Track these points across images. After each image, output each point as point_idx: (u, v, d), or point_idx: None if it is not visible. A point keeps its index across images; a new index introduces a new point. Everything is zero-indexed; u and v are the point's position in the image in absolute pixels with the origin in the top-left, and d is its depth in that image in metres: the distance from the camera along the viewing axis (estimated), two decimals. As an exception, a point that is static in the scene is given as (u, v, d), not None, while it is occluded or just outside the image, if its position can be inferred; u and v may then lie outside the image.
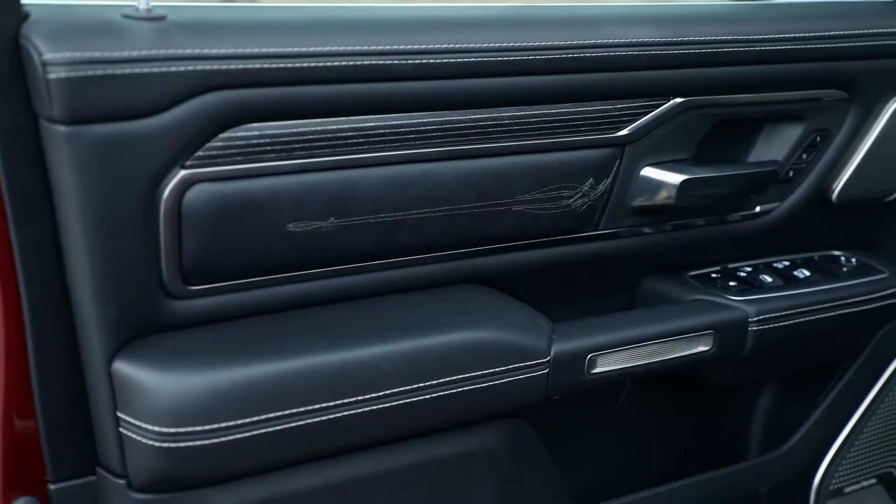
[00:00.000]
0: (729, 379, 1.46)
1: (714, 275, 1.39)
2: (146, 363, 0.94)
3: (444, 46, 1.04)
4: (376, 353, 1.04)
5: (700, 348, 1.27)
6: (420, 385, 1.06)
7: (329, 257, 1.06)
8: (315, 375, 1.00)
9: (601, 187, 1.21)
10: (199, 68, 0.91)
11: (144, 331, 0.97)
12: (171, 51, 0.90)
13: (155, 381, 0.94)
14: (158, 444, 0.94)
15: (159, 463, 0.95)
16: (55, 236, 0.92)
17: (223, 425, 0.95)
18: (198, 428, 0.94)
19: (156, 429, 0.94)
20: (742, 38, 1.23)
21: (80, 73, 0.86)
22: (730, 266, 1.41)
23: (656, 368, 1.25)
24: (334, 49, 0.97)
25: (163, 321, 0.99)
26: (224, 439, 0.96)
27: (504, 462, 1.20)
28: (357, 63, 0.99)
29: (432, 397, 1.07)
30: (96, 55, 0.86)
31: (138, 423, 0.94)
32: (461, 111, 1.08)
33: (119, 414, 0.96)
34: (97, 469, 1.00)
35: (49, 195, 0.91)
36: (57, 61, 0.85)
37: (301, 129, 0.99)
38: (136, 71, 0.88)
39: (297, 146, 0.99)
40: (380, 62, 1.00)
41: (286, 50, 0.95)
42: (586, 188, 1.20)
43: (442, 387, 1.07)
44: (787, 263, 1.44)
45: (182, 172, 0.94)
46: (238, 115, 0.95)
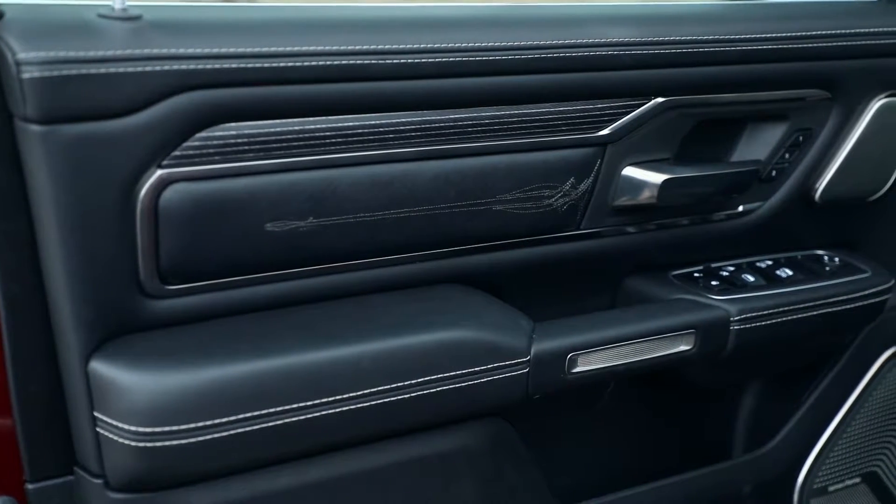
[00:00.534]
0: (711, 378, 1.46)
1: (696, 274, 1.39)
2: (123, 362, 0.94)
3: (423, 46, 1.04)
4: (355, 353, 1.04)
5: (681, 347, 1.27)
6: (399, 384, 1.06)
7: (308, 257, 1.06)
8: (293, 375, 1.00)
9: (582, 187, 1.21)
10: (175, 68, 0.91)
11: (121, 330, 0.97)
12: (147, 50, 0.90)
13: (131, 381, 0.94)
14: (135, 444, 0.94)
15: (136, 462, 0.95)
16: (31, 235, 0.92)
17: (200, 425, 0.95)
18: (174, 427, 0.94)
19: (132, 428, 0.94)
20: (724, 38, 1.23)
21: (55, 73, 0.85)
22: (712, 265, 1.41)
23: (637, 368, 1.25)
24: (312, 49, 0.97)
25: (140, 321, 0.99)
26: (201, 439, 0.96)
27: (485, 461, 1.20)
28: (335, 63, 0.99)
29: (412, 397, 1.07)
30: (71, 55, 0.86)
31: (115, 423, 0.94)
32: (441, 111, 1.08)
33: (96, 413, 0.96)
34: (75, 469, 1.00)
35: (25, 194, 0.91)
36: (31, 61, 0.85)
37: (279, 129, 0.99)
38: (112, 71, 0.88)
39: (275, 146, 0.99)
40: (358, 62, 1.00)
41: (263, 50, 0.95)
42: (567, 188, 1.20)
43: (421, 386, 1.07)
44: (770, 263, 1.44)
45: (159, 172, 0.94)
46: (215, 115, 0.95)
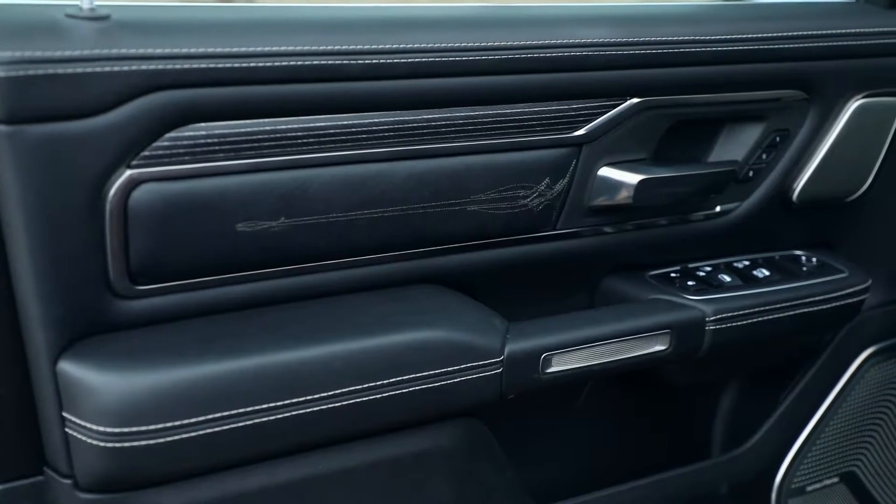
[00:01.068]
0: (688, 378, 1.47)
1: (673, 274, 1.39)
2: (91, 363, 0.94)
3: (396, 47, 1.04)
4: (327, 353, 1.04)
5: (657, 348, 1.27)
6: (371, 385, 1.06)
7: (280, 257, 1.06)
8: (264, 375, 1.00)
9: (558, 187, 1.21)
10: (144, 68, 0.91)
11: (91, 330, 0.97)
12: (115, 50, 0.90)
13: (99, 381, 0.93)
14: (103, 444, 0.94)
15: (105, 463, 0.95)
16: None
17: (169, 425, 0.95)
18: (143, 428, 0.94)
19: (100, 429, 0.93)
20: (699, 39, 1.23)
21: (22, 73, 0.85)
22: (689, 266, 1.42)
23: (613, 368, 1.25)
24: (282, 49, 0.97)
25: (110, 321, 0.98)
26: (170, 439, 0.95)
27: (459, 461, 1.20)
28: (306, 63, 0.99)
29: (384, 397, 1.07)
30: (38, 55, 0.86)
31: (83, 424, 0.94)
32: (414, 111, 1.08)
33: (64, 414, 0.95)
34: (44, 469, 1.00)
35: None
36: None
37: (250, 129, 0.98)
38: (79, 70, 0.88)
39: (246, 146, 0.99)
40: (330, 62, 1.00)
41: (233, 50, 0.95)
42: (542, 188, 1.20)
43: (393, 386, 1.07)
44: (748, 263, 1.44)
45: (128, 172, 0.94)
46: (184, 115, 0.94)
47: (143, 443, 0.94)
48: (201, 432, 0.97)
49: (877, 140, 1.46)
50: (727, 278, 1.39)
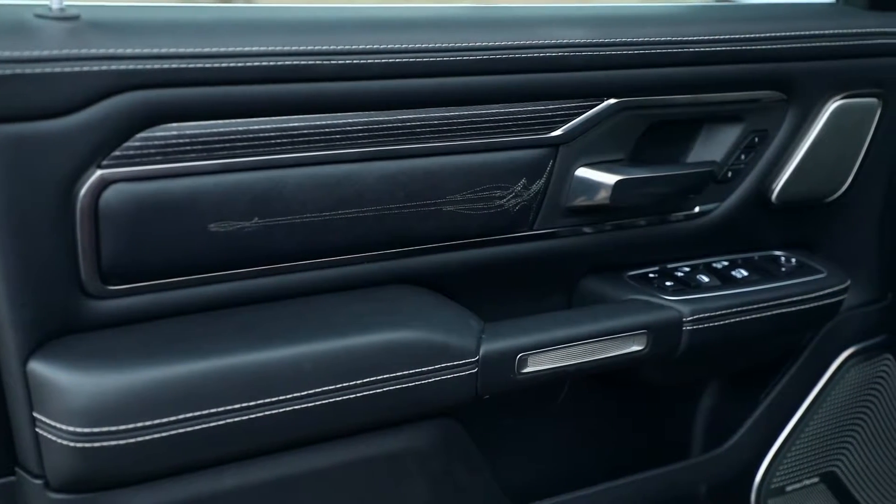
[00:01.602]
0: (666, 378, 1.47)
1: (651, 275, 1.39)
2: (62, 363, 0.94)
3: (369, 47, 1.04)
4: (299, 353, 1.04)
5: (634, 348, 1.27)
6: (344, 385, 1.06)
7: (254, 257, 1.06)
8: (236, 375, 1.00)
9: (534, 188, 1.21)
10: (114, 68, 0.91)
11: (62, 331, 0.97)
12: (85, 50, 0.89)
13: (70, 381, 0.93)
14: (73, 445, 0.94)
15: (75, 463, 0.95)
16: None
17: (140, 425, 0.95)
18: (113, 428, 0.94)
19: (71, 429, 0.93)
20: (676, 40, 1.23)
21: None
22: (668, 266, 1.42)
23: (589, 368, 1.25)
24: (254, 49, 0.97)
25: (82, 321, 0.98)
26: (141, 439, 0.95)
27: (434, 461, 1.20)
28: (278, 63, 0.99)
29: (357, 397, 1.07)
30: (6, 55, 0.86)
31: (54, 424, 0.94)
32: (388, 111, 1.08)
33: (35, 414, 0.95)
34: (16, 469, 1.00)
35: None
36: None
37: (222, 130, 0.98)
38: (48, 71, 0.88)
39: (219, 146, 0.99)
40: (302, 62, 1.00)
41: (204, 50, 0.95)
42: (519, 188, 1.20)
43: (366, 387, 1.07)
44: (727, 263, 1.44)
45: (98, 172, 0.94)
46: (155, 115, 0.94)
47: (114, 443, 0.94)
48: (172, 432, 0.97)
49: (855, 141, 1.46)
50: (705, 279, 1.39)
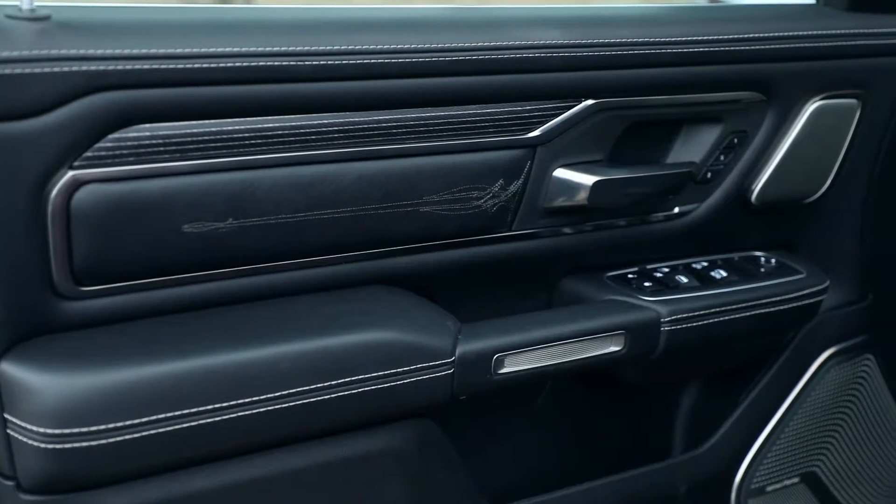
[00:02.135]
0: (646, 378, 1.47)
1: (630, 275, 1.39)
2: (33, 364, 0.94)
3: (343, 48, 1.03)
4: (275, 354, 1.04)
5: (612, 348, 1.28)
6: (320, 385, 1.06)
7: (229, 258, 1.06)
8: (210, 376, 1.00)
9: (512, 188, 1.21)
10: (85, 69, 0.91)
11: (34, 332, 0.97)
12: (55, 51, 0.89)
13: (41, 382, 0.93)
14: (45, 446, 0.93)
15: (47, 464, 0.94)
16: None
17: (112, 426, 0.95)
18: (85, 429, 0.94)
19: (42, 430, 0.93)
20: (654, 41, 1.24)
21: None
22: (648, 267, 1.42)
23: (567, 369, 1.25)
24: (227, 50, 0.97)
25: (54, 322, 0.98)
26: (114, 440, 0.95)
27: (411, 462, 1.20)
28: (251, 64, 0.98)
29: (333, 398, 1.07)
30: None
31: (25, 425, 0.94)
32: (364, 112, 1.08)
33: (6, 415, 0.95)
34: None
35: None
36: None
37: (196, 130, 0.98)
38: (18, 71, 0.87)
39: (192, 147, 0.99)
40: (276, 63, 1.00)
41: (176, 51, 0.95)
42: (497, 189, 1.20)
43: (342, 387, 1.07)
44: (706, 264, 1.44)
45: (70, 173, 0.93)
46: (127, 116, 0.94)
47: (86, 444, 0.94)
48: (145, 433, 0.97)
49: (835, 142, 1.47)
50: (684, 279, 1.39)
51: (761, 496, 1.57)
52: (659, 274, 1.40)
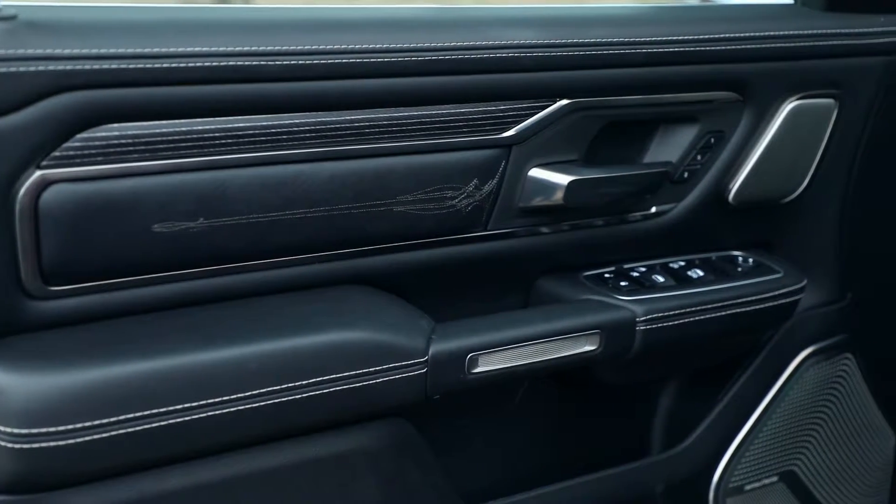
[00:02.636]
0: (623, 378, 1.47)
1: (607, 275, 1.39)
2: (1, 364, 0.94)
3: (314, 48, 1.03)
4: (244, 354, 1.04)
5: (586, 348, 1.28)
6: (289, 386, 1.06)
7: (200, 258, 1.06)
8: (179, 375, 1.00)
9: (487, 188, 1.21)
10: (51, 68, 0.90)
11: (3, 332, 0.97)
12: (22, 51, 0.89)
13: (7, 382, 0.93)
14: (13, 446, 0.93)
15: (14, 465, 0.94)
16: None
17: (79, 426, 0.95)
18: (52, 429, 0.94)
19: (10, 430, 0.93)
20: (628, 41, 1.24)
21: None
22: (625, 266, 1.42)
23: (541, 368, 1.25)
24: (196, 50, 0.97)
25: (23, 322, 0.98)
26: (81, 440, 0.95)
27: (385, 461, 1.20)
28: (220, 64, 0.98)
29: (303, 397, 1.07)
30: None
31: None
32: (335, 112, 1.08)
33: None
34: None
35: None
36: None
37: (165, 130, 0.98)
38: None
39: (161, 147, 0.99)
40: (245, 63, 1.00)
41: (144, 51, 0.95)
42: (471, 189, 1.20)
43: (312, 387, 1.07)
44: (683, 263, 1.45)
45: (38, 173, 0.93)
46: (95, 116, 0.94)
47: (53, 444, 0.94)
48: (113, 433, 0.97)
49: (812, 142, 1.47)
50: (660, 279, 1.39)
51: (740, 495, 1.57)
52: (635, 273, 1.40)
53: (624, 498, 1.50)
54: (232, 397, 1.02)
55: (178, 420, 1.00)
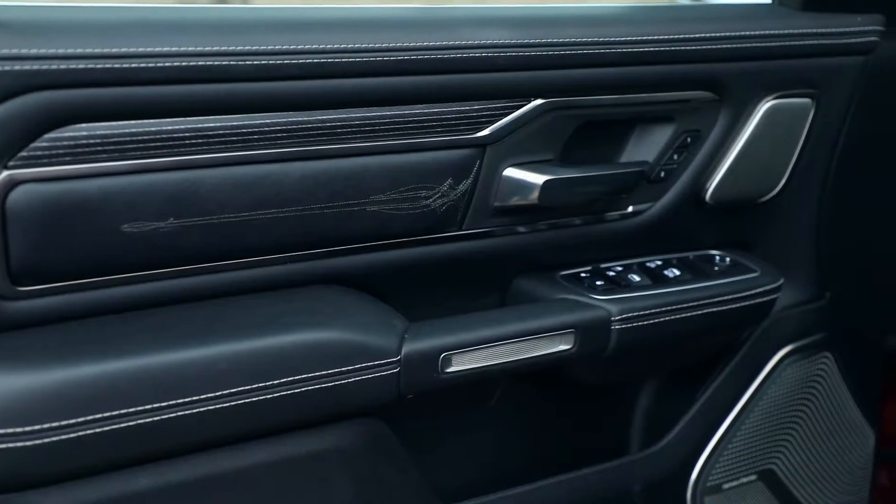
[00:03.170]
0: (599, 377, 1.47)
1: (583, 274, 1.40)
2: (-33, 365, 0.94)
3: (284, 48, 1.03)
4: (214, 353, 1.04)
5: (561, 347, 1.28)
6: (260, 385, 1.06)
7: (171, 258, 1.06)
8: (148, 375, 1.00)
9: (461, 188, 1.21)
10: (17, 68, 0.90)
11: None
12: None
13: (-25, 383, 0.93)
14: None
15: (-18, 465, 0.95)
16: None
17: (47, 426, 0.95)
18: (20, 429, 0.94)
19: None
20: (603, 41, 1.24)
21: None
22: (601, 266, 1.42)
23: (516, 367, 1.26)
24: (164, 50, 0.97)
25: None
26: (50, 440, 0.95)
27: (359, 461, 1.20)
28: (189, 64, 0.98)
29: (274, 397, 1.07)
30: None
31: None
32: (307, 112, 1.08)
33: None
34: None
35: None
36: None
37: (134, 130, 0.98)
38: None
39: (131, 147, 0.98)
40: (214, 63, 1.00)
41: (112, 51, 0.94)
42: (445, 188, 1.20)
43: (284, 387, 1.07)
44: (660, 263, 1.45)
45: (5, 173, 0.93)
46: (63, 116, 0.94)
47: (21, 444, 0.94)
48: (82, 433, 0.96)
49: (789, 141, 1.47)
50: (636, 278, 1.39)
51: (718, 493, 1.57)
52: (612, 273, 1.41)
53: (601, 497, 1.50)
54: (202, 397, 1.02)
55: (148, 420, 1.00)
